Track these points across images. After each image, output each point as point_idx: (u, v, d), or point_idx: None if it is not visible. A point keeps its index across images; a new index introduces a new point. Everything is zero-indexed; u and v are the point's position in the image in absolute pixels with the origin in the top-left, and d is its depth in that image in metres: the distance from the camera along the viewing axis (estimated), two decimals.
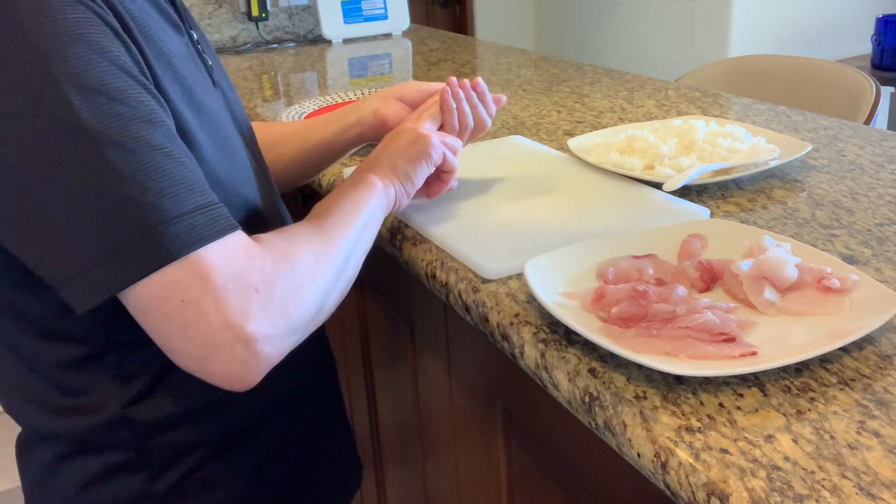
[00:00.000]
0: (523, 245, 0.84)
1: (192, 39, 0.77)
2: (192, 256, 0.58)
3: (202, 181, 0.62)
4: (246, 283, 0.59)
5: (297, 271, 0.65)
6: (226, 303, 0.58)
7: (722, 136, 1.07)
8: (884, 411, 0.56)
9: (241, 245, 0.61)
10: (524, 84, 1.65)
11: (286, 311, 0.62)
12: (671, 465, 0.54)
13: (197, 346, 0.59)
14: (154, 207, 0.57)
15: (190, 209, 0.59)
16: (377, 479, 1.44)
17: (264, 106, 1.63)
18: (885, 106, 2.65)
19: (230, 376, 0.60)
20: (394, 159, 0.84)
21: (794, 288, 0.69)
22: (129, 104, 0.58)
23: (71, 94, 0.56)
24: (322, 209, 0.76)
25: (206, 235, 0.59)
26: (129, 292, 0.58)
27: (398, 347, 1.19)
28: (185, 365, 0.61)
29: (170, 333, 0.59)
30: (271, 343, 0.60)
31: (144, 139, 0.58)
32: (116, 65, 0.59)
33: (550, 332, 0.69)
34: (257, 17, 2.33)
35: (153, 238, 0.57)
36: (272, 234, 0.68)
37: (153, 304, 0.58)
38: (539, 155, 1.13)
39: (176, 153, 0.60)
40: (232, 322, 0.58)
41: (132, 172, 0.57)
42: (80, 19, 0.58)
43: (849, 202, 0.93)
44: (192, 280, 0.58)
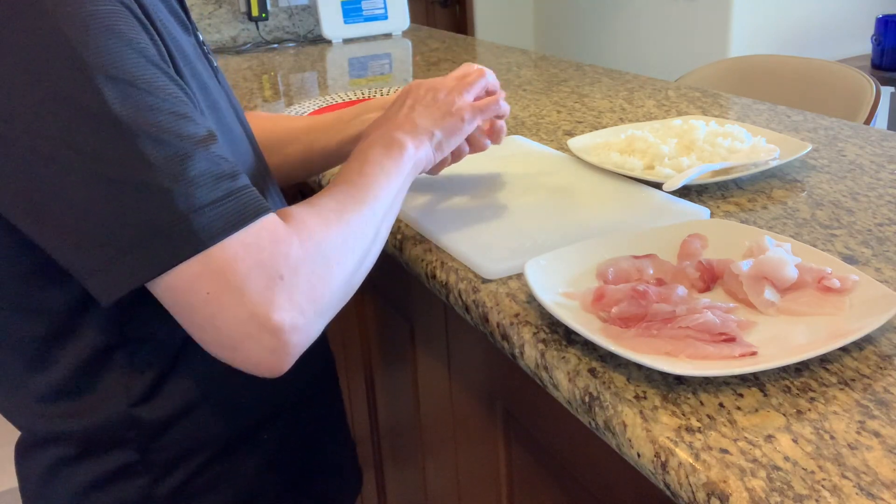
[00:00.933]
0: (523, 245, 0.84)
1: (198, 40, 0.77)
2: (217, 247, 0.58)
3: (230, 166, 0.61)
4: (270, 271, 0.59)
5: (325, 254, 0.64)
6: (249, 293, 0.58)
7: (722, 136, 1.07)
8: (884, 411, 0.56)
9: (268, 230, 0.61)
10: (524, 84, 1.65)
11: (313, 297, 0.62)
12: (671, 465, 0.54)
13: (225, 337, 0.59)
14: (183, 197, 0.57)
15: (218, 197, 0.59)
16: (377, 480, 1.44)
17: (264, 106, 1.63)
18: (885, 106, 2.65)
19: (260, 365, 0.60)
20: (429, 125, 0.82)
21: (794, 288, 0.69)
22: (159, 95, 0.59)
23: (101, 83, 0.56)
24: (353, 175, 0.74)
25: (234, 223, 0.59)
26: (158, 283, 0.58)
27: (398, 347, 1.19)
28: (216, 354, 0.61)
29: (198, 324, 0.59)
30: (299, 330, 0.60)
31: (174, 129, 0.58)
32: (145, 56, 0.59)
33: (550, 332, 0.69)
34: (257, 17, 2.33)
35: (182, 228, 0.57)
36: (303, 207, 0.67)
37: (181, 296, 0.58)
38: (539, 155, 1.13)
39: (206, 140, 0.60)
40: (257, 312, 0.58)
41: (161, 162, 0.57)
42: (109, 11, 0.58)
43: (849, 202, 0.93)
44: (215, 272, 0.58)
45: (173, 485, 0.74)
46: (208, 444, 0.75)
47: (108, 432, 0.71)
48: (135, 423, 0.71)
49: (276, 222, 0.62)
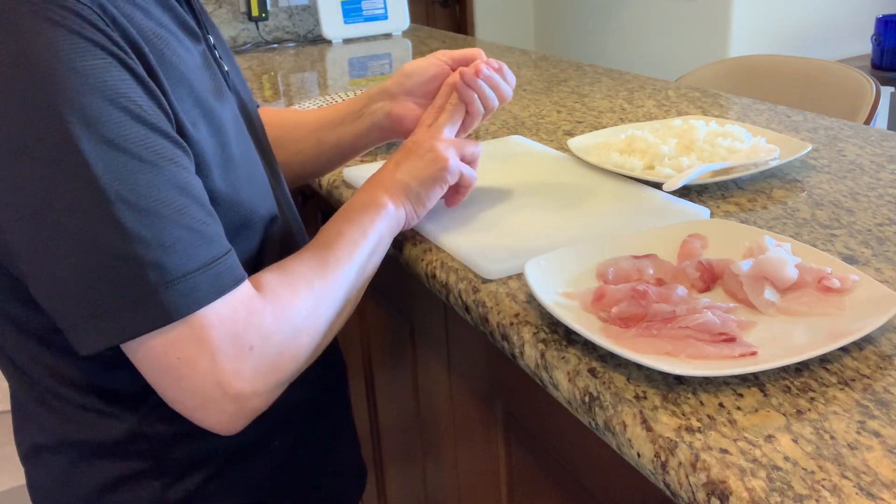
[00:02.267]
0: (523, 245, 0.84)
1: (208, 45, 0.76)
2: (191, 317, 0.59)
3: (211, 230, 0.61)
4: (242, 342, 0.61)
5: (295, 325, 0.66)
6: (220, 363, 0.60)
7: (722, 136, 1.07)
8: (884, 411, 0.56)
9: (242, 301, 0.62)
10: (524, 84, 1.65)
11: (278, 367, 0.64)
12: (671, 465, 0.54)
13: (189, 399, 0.61)
14: (157, 268, 0.57)
15: (193, 268, 0.59)
16: (377, 480, 1.44)
17: (264, 106, 1.62)
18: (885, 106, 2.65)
19: (217, 426, 0.63)
20: (408, 180, 0.83)
21: (794, 288, 0.69)
22: (143, 157, 0.58)
23: (84, 145, 0.55)
24: (330, 235, 0.75)
25: (208, 295, 0.59)
26: (127, 345, 0.60)
27: (398, 347, 1.19)
28: (177, 410, 0.63)
29: (165, 384, 0.61)
30: (259, 397, 0.63)
31: (154, 195, 0.58)
32: (132, 115, 0.58)
33: (550, 332, 0.69)
34: (257, 17, 2.33)
35: (153, 299, 0.57)
36: (274, 275, 0.68)
37: (151, 358, 0.60)
38: (539, 155, 1.13)
39: (186, 206, 0.60)
40: (223, 381, 0.60)
41: (138, 230, 0.57)
42: (97, 66, 0.57)
43: (849, 202, 0.93)
44: (189, 340, 0.59)
45: (185, 490, 0.74)
46: (220, 451, 0.75)
47: (120, 444, 0.72)
48: (145, 437, 0.72)
49: (251, 293, 0.63)
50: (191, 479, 0.74)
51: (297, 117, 1.04)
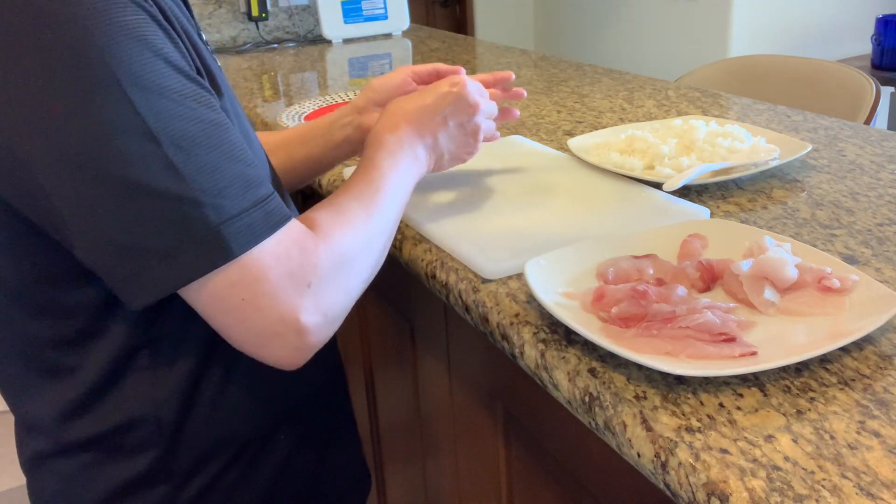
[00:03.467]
0: (523, 245, 0.84)
1: (202, 41, 0.77)
2: (249, 256, 0.61)
3: (257, 172, 0.64)
4: (299, 279, 0.63)
5: (348, 262, 0.69)
6: (281, 300, 0.62)
7: (722, 136, 1.07)
8: (884, 411, 0.56)
9: (295, 239, 0.64)
10: (524, 84, 1.65)
11: (334, 301, 0.67)
12: (671, 465, 0.54)
13: (254, 337, 0.63)
14: (214, 207, 0.59)
15: (247, 206, 0.61)
16: (377, 480, 1.44)
17: (264, 106, 1.63)
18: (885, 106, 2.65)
19: (282, 360, 0.65)
20: (445, 148, 0.87)
21: (794, 288, 0.69)
22: (187, 104, 0.60)
23: (133, 95, 0.57)
24: (375, 175, 0.77)
25: (263, 231, 0.62)
26: (189, 289, 0.61)
27: (398, 347, 1.19)
28: (242, 349, 0.65)
29: (229, 325, 0.63)
30: (320, 330, 0.65)
31: (204, 140, 0.60)
32: (172, 65, 0.60)
33: (550, 332, 0.69)
34: (257, 17, 2.33)
35: (214, 237, 0.59)
36: (326, 212, 0.71)
37: (214, 301, 0.62)
38: (539, 155, 1.13)
39: (232, 149, 0.62)
40: (286, 316, 0.63)
41: (194, 173, 0.59)
42: (136, 21, 0.59)
43: (849, 202, 0.93)
44: (249, 280, 0.61)
45: (195, 490, 0.74)
46: (227, 447, 0.75)
47: (133, 435, 0.71)
48: (159, 426, 0.72)
49: (303, 231, 0.66)
50: (199, 480, 0.74)
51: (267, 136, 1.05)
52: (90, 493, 0.73)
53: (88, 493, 0.73)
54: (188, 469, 0.74)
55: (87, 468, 0.73)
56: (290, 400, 0.81)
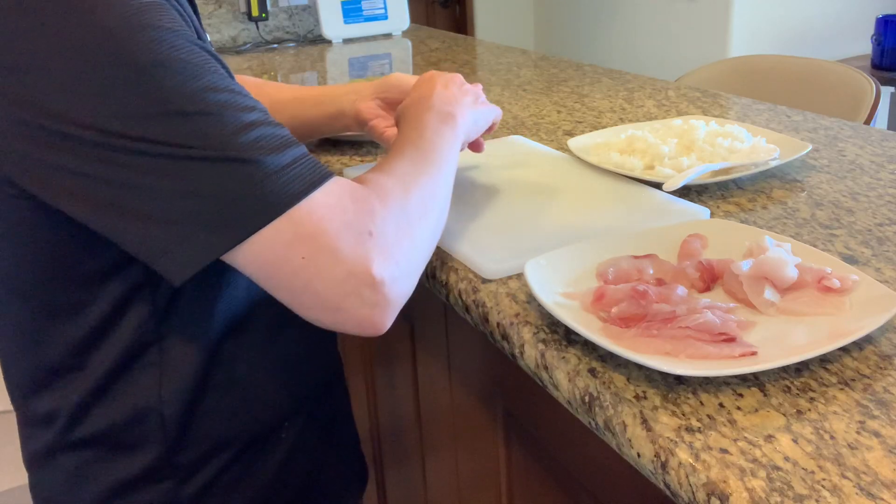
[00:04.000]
0: (523, 245, 0.84)
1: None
2: (300, 210, 0.58)
3: (289, 135, 0.62)
4: (359, 228, 0.60)
5: (407, 212, 0.65)
6: (344, 252, 0.59)
7: (722, 136, 1.07)
8: (884, 411, 0.56)
9: (344, 191, 0.62)
10: (524, 84, 1.65)
11: (403, 250, 0.63)
12: (671, 465, 0.54)
13: (327, 299, 0.59)
14: (255, 164, 0.58)
15: (288, 162, 0.60)
16: (377, 479, 1.44)
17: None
18: (885, 106, 2.65)
19: (363, 322, 0.61)
20: (469, 106, 0.86)
21: (794, 288, 0.69)
22: (215, 73, 0.60)
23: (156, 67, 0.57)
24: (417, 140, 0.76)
25: (310, 184, 0.60)
26: (246, 258, 0.59)
27: (398, 347, 1.19)
28: (318, 317, 0.61)
29: (297, 290, 0.60)
30: (396, 283, 0.61)
31: (234, 104, 0.60)
32: (192, 41, 0.61)
33: (550, 332, 0.69)
34: (257, 17, 2.33)
35: (258, 194, 0.58)
36: (377, 173, 0.68)
37: (276, 265, 0.59)
38: (539, 155, 1.13)
39: (262, 115, 0.61)
40: (355, 270, 0.59)
41: (227, 136, 0.58)
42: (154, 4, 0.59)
43: (849, 202, 0.93)
44: (305, 235, 0.58)
45: (197, 486, 0.74)
46: (230, 443, 0.76)
47: (138, 432, 0.72)
48: (164, 423, 0.72)
49: (351, 183, 0.63)
50: (202, 475, 0.74)
51: (273, 89, 1.07)
52: (94, 489, 0.73)
53: (92, 489, 0.73)
54: (192, 465, 0.74)
55: (92, 464, 0.73)
56: (294, 397, 0.81)
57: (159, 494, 0.73)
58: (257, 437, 0.78)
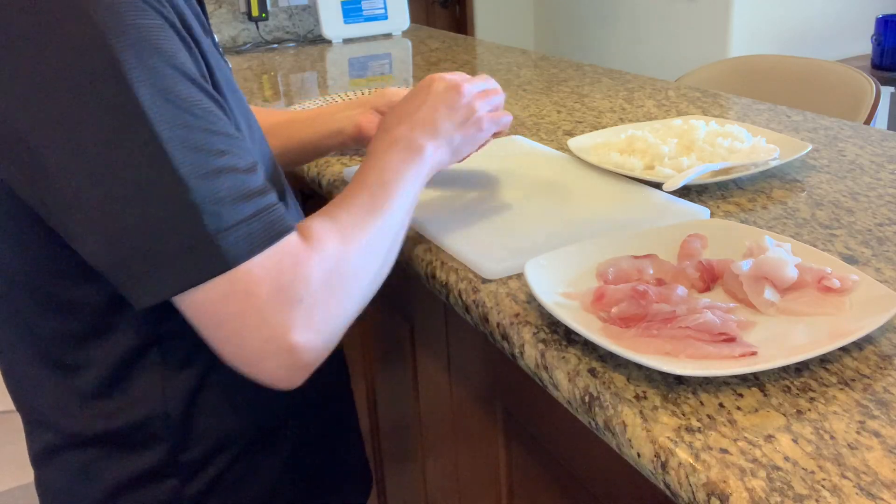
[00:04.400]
0: (523, 245, 0.84)
1: (213, 41, 0.78)
2: (242, 269, 0.59)
3: (259, 182, 0.63)
4: (290, 295, 0.61)
5: (343, 275, 0.66)
6: (270, 317, 0.60)
7: (722, 136, 1.07)
8: (884, 411, 0.56)
9: (290, 252, 0.62)
10: (524, 84, 1.65)
11: (329, 317, 0.64)
12: (671, 465, 0.54)
13: (246, 354, 0.61)
14: (213, 216, 0.59)
15: (245, 217, 0.60)
16: (377, 480, 1.44)
17: (264, 106, 1.63)
18: (885, 106, 2.65)
19: (277, 381, 0.63)
20: (451, 131, 0.82)
21: (794, 288, 0.69)
22: (194, 112, 0.60)
23: (142, 96, 0.57)
24: (372, 182, 0.74)
25: (261, 243, 0.60)
26: (186, 298, 0.60)
27: (398, 347, 1.19)
28: (236, 367, 0.63)
29: (220, 340, 0.62)
30: (314, 349, 0.63)
31: (206, 147, 0.60)
32: (183, 73, 0.60)
33: (550, 332, 0.69)
34: (257, 17, 2.33)
35: (211, 246, 0.58)
36: (321, 222, 0.68)
37: (205, 313, 0.61)
38: (539, 155, 1.13)
39: (237, 160, 0.61)
40: (276, 334, 0.61)
41: (194, 180, 0.58)
42: (151, 25, 0.59)
43: (849, 202, 0.93)
44: (239, 293, 0.60)
45: (201, 485, 0.75)
46: (234, 442, 0.76)
47: (142, 430, 0.72)
48: (168, 421, 0.72)
49: (298, 243, 0.64)
50: (206, 474, 0.75)
51: (266, 114, 1.06)
52: (99, 487, 0.73)
53: (97, 487, 0.74)
54: (195, 464, 0.74)
55: (96, 462, 0.73)
56: (297, 397, 0.81)
57: (164, 492, 0.74)
58: (261, 435, 0.78)
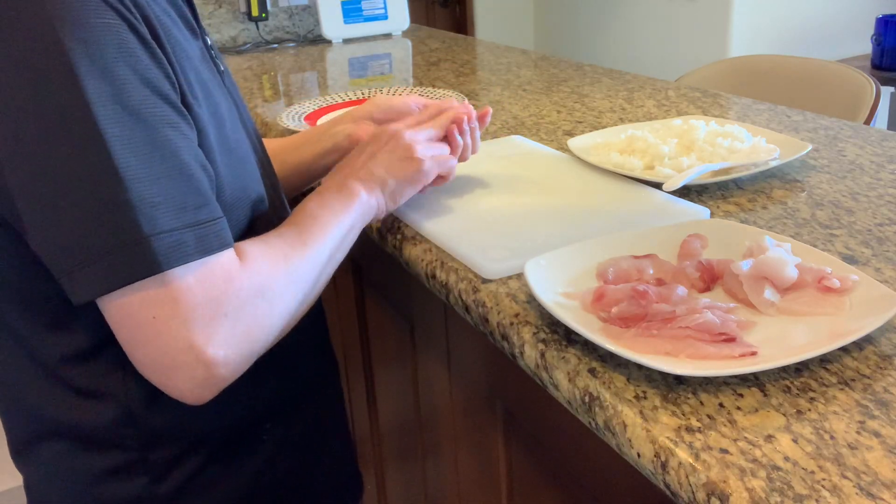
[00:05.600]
0: (523, 245, 0.84)
1: (205, 44, 0.78)
2: (170, 274, 0.60)
3: (204, 196, 0.63)
4: (216, 308, 0.61)
5: (268, 297, 0.66)
6: (192, 326, 0.60)
7: (722, 136, 1.07)
8: (884, 411, 0.56)
9: (223, 267, 0.63)
10: (524, 84, 1.65)
11: (250, 337, 0.64)
12: (671, 465, 0.54)
13: (159, 361, 0.61)
14: (149, 219, 0.59)
15: (179, 225, 0.60)
16: (377, 480, 1.44)
17: (264, 106, 1.63)
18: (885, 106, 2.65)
19: (185, 393, 0.63)
20: (384, 175, 0.84)
21: (794, 288, 0.69)
22: (143, 117, 0.60)
23: (90, 95, 0.57)
24: (306, 217, 0.76)
25: (191, 253, 0.60)
26: (109, 297, 0.60)
27: (398, 347, 1.19)
28: (145, 375, 0.63)
29: (136, 343, 0.62)
30: (229, 366, 0.63)
31: (152, 152, 0.60)
32: (139, 75, 0.60)
33: (550, 332, 0.69)
34: (257, 17, 2.33)
35: (142, 248, 0.58)
36: (256, 245, 0.69)
37: (127, 314, 0.60)
38: (539, 155, 1.13)
39: (178, 168, 0.61)
40: (194, 345, 0.60)
41: (134, 181, 0.58)
42: (110, 25, 0.59)
43: (849, 202, 0.93)
44: (165, 298, 0.60)
45: (173, 485, 0.75)
46: (206, 442, 0.76)
47: (108, 427, 0.72)
48: (133, 422, 0.72)
49: (232, 260, 0.64)
50: (177, 474, 0.74)
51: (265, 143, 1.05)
52: (74, 479, 0.74)
53: (74, 479, 0.74)
54: (166, 463, 0.74)
55: (66, 456, 0.73)
56: (273, 400, 0.80)
57: (134, 491, 0.74)
58: (234, 436, 0.77)
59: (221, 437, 0.76)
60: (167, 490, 0.74)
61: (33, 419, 0.74)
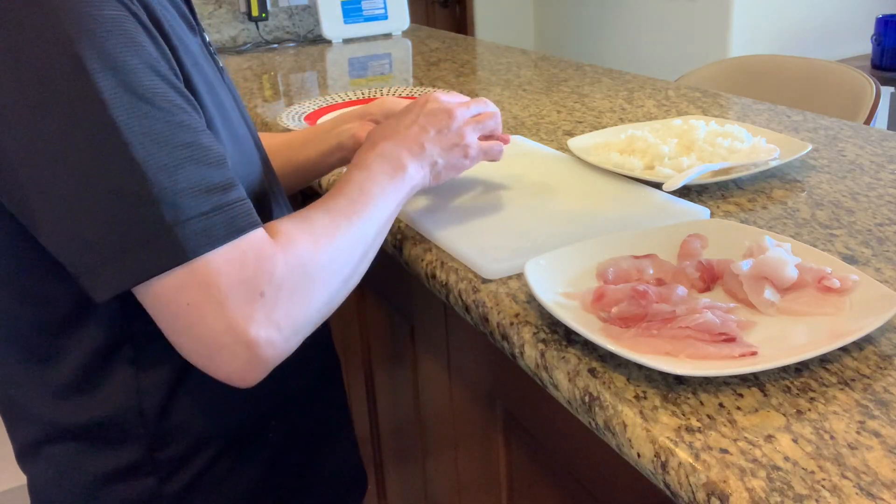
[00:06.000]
0: (523, 245, 0.84)
1: (203, 41, 0.78)
2: (201, 260, 0.59)
3: (224, 177, 0.62)
4: (251, 288, 0.61)
5: (309, 274, 0.65)
6: (229, 308, 0.60)
7: (722, 136, 1.07)
8: (884, 411, 0.56)
9: (253, 246, 0.62)
10: (524, 84, 1.65)
11: (291, 315, 0.63)
12: (671, 465, 0.54)
13: (202, 346, 0.61)
14: (171, 207, 0.58)
15: (207, 210, 0.60)
16: (377, 480, 1.44)
17: (264, 106, 1.63)
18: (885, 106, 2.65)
19: (232, 375, 0.62)
20: (435, 153, 0.82)
21: (794, 288, 0.69)
22: (157, 104, 0.60)
23: (102, 87, 0.57)
24: (352, 189, 0.74)
25: (219, 237, 0.60)
26: (141, 289, 0.60)
27: (398, 347, 1.19)
28: (191, 361, 0.63)
29: (177, 331, 0.61)
30: (273, 346, 0.62)
31: (170, 140, 0.59)
32: (147, 64, 0.60)
33: (550, 332, 0.69)
34: (257, 17, 2.33)
35: (167, 239, 0.58)
36: (293, 222, 0.68)
37: (163, 303, 0.60)
38: (539, 155, 1.13)
39: (199, 152, 0.61)
40: (234, 326, 0.60)
41: (155, 171, 0.58)
42: (114, 16, 0.59)
43: (849, 202, 0.93)
44: (198, 284, 0.59)
45: (180, 484, 0.75)
46: (213, 441, 0.76)
47: (117, 427, 0.72)
48: (143, 419, 0.72)
49: (263, 238, 0.63)
50: (185, 473, 0.75)
51: (268, 137, 1.05)
52: (81, 480, 0.74)
53: (79, 480, 0.74)
54: (173, 462, 0.74)
55: (76, 456, 0.73)
56: (279, 397, 0.80)
57: (142, 490, 0.74)
58: (240, 435, 0.77)
59: (228, 435, 0.76)
60: (174, 489, 0.74)
61: (42, 422, 0.74)
